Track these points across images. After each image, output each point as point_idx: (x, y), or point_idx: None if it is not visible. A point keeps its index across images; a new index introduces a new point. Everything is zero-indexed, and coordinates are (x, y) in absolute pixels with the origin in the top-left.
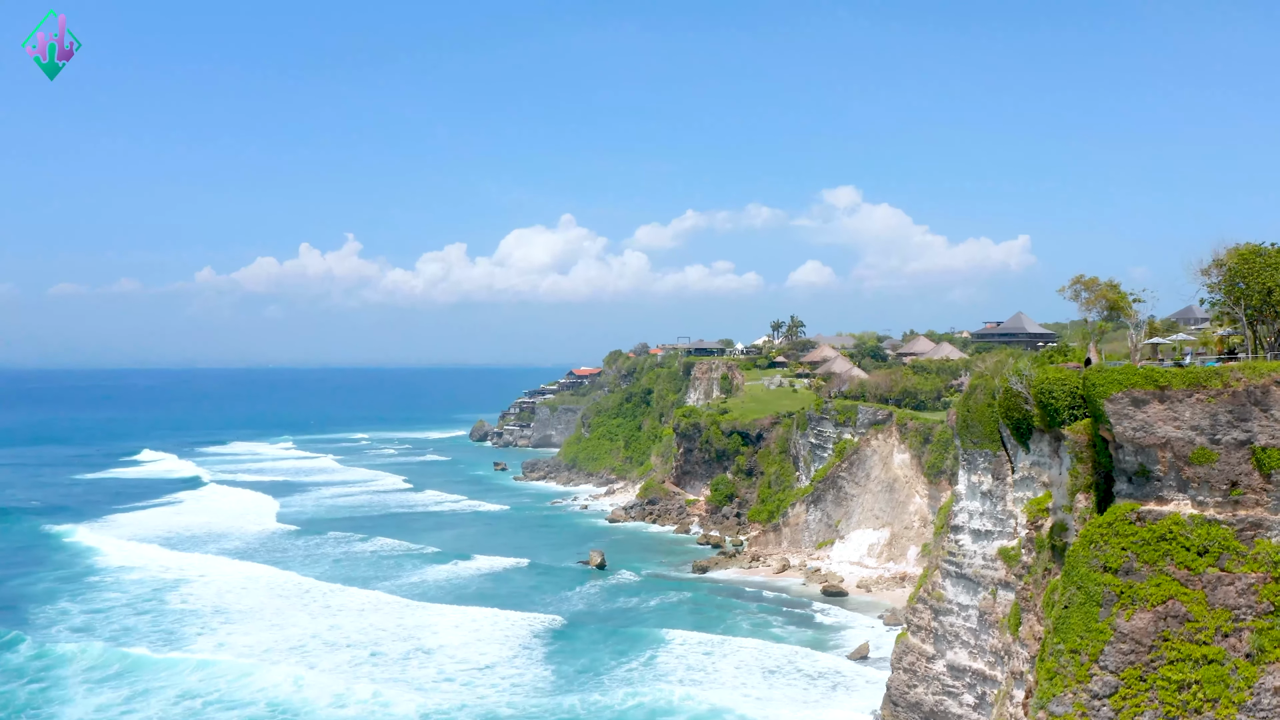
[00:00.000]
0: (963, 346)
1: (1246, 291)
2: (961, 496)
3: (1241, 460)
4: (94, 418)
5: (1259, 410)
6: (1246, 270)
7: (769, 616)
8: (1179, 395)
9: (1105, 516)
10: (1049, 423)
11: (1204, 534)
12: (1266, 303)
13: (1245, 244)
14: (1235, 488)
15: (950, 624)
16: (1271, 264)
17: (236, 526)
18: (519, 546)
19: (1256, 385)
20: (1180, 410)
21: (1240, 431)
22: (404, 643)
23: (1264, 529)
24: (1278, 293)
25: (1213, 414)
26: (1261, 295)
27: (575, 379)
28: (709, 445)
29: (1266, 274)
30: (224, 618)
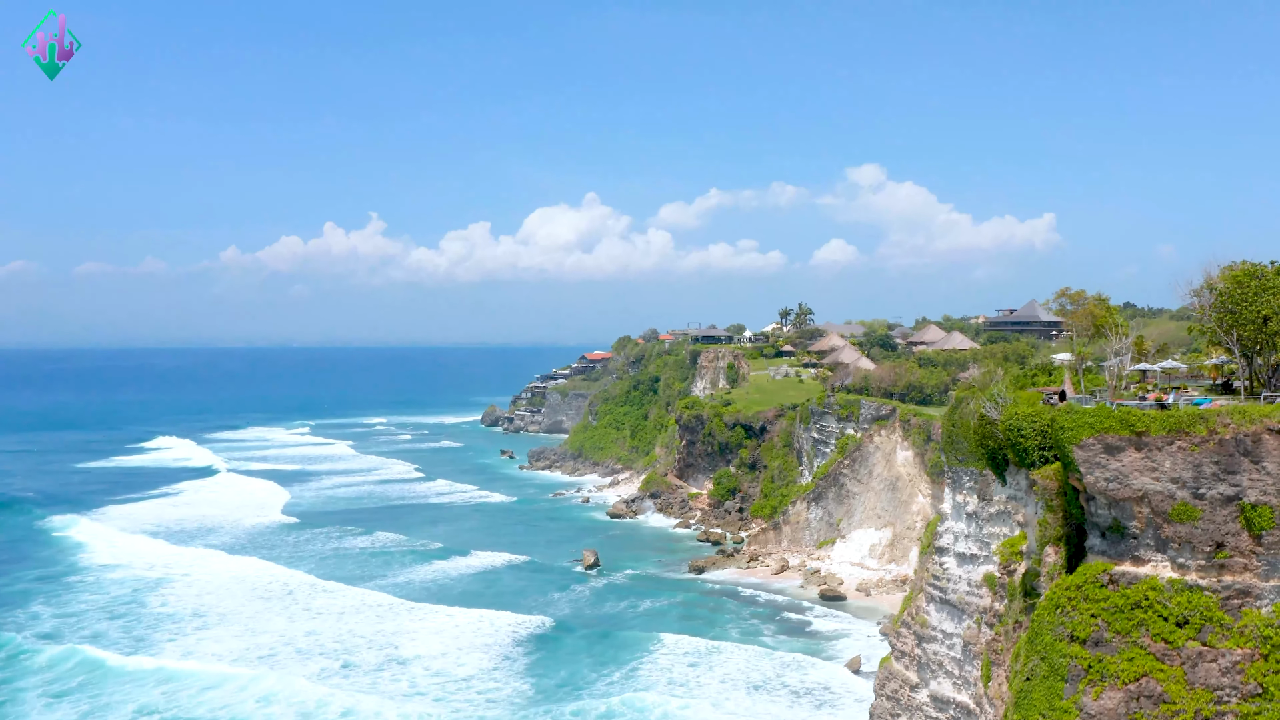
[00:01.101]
0: (974, 335)
1: (1240, 319)
2: (947, 516)
3: (1228, 518)
4: (112, 401)
5: (1249, 462)
6: (1240, 295)
7: (762, 623)
8: (1158, 442)
9: (1074, 577)
10: (1018, 462)
11: (1184, 602)
12: (1262, 332)
13: (1241, 263)
14: (1221, 550)
15: (934, 652)
16: (1269, 288)
17: (234, 519)
18: (514, 542)
19: (1246, 433)
20: (1159, 460)
21: (1227, 486)
22: (379, 651)
23: (1252, 598)
24: (1275, 321)
25: (1196, 465)
26: (1256, 324)
27: (587, 363)
28: (712, 438)
29: (1262, 300)
30: (200, 622)
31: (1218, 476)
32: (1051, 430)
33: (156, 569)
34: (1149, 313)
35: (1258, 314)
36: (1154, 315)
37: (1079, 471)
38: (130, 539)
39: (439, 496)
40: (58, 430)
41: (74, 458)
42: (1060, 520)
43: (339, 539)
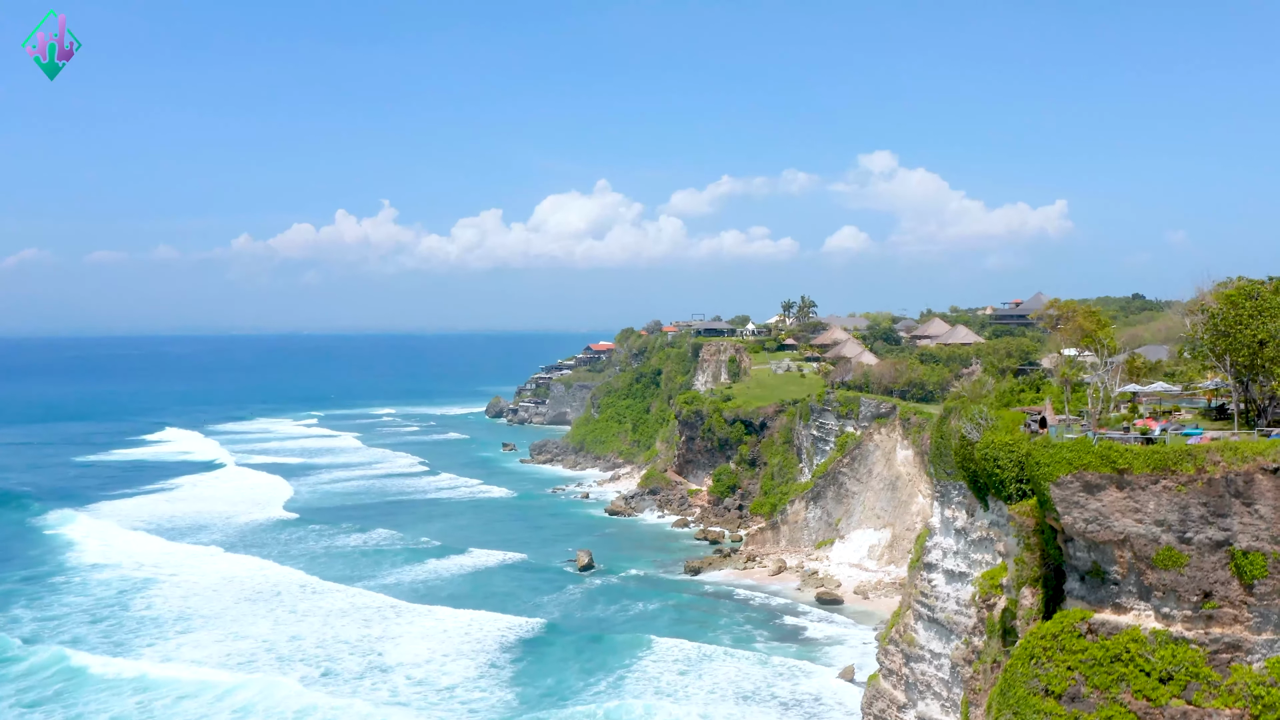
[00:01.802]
0: (979, 329)
1: (1233, 343)
2: (935, 531)
3: (1217, 565)
4: (118, 391)
5: (1240, 504)
6: (1234, 317)
7: (755, 629)
8: (1141, 481)
9: (1050, 624)
10: (995, 493)
11: (1169, 655)
12: (1258, 356)
13: (1237, 281)
14: (1209, 599)
15: (922, 672)
16: (1266, 309)
17: (231, 515)
18: (510, 540)
19: (1237, 473)
20: (1143, 500)
21: (1216, 530)
22: (362, 658)
23: (1243, 652)
24: (1271, 346)
25: (1183, 506)
26: (1251, 348)
27: (592, 354)
28: (711, 434)
29: (1258, 322)
30: (183, 625)
31: (1206, 519)
32: (1027, 465)
33: (145, 569)
34: (1158, 305)
35: (1252, 337)
36: (1162, 308)
37: (1056, 511)
38: (123, 537)
39: (438, 491)
40: (61, 422)
41: (75, 450)
42: (1038, 560)
43: (335, 536)
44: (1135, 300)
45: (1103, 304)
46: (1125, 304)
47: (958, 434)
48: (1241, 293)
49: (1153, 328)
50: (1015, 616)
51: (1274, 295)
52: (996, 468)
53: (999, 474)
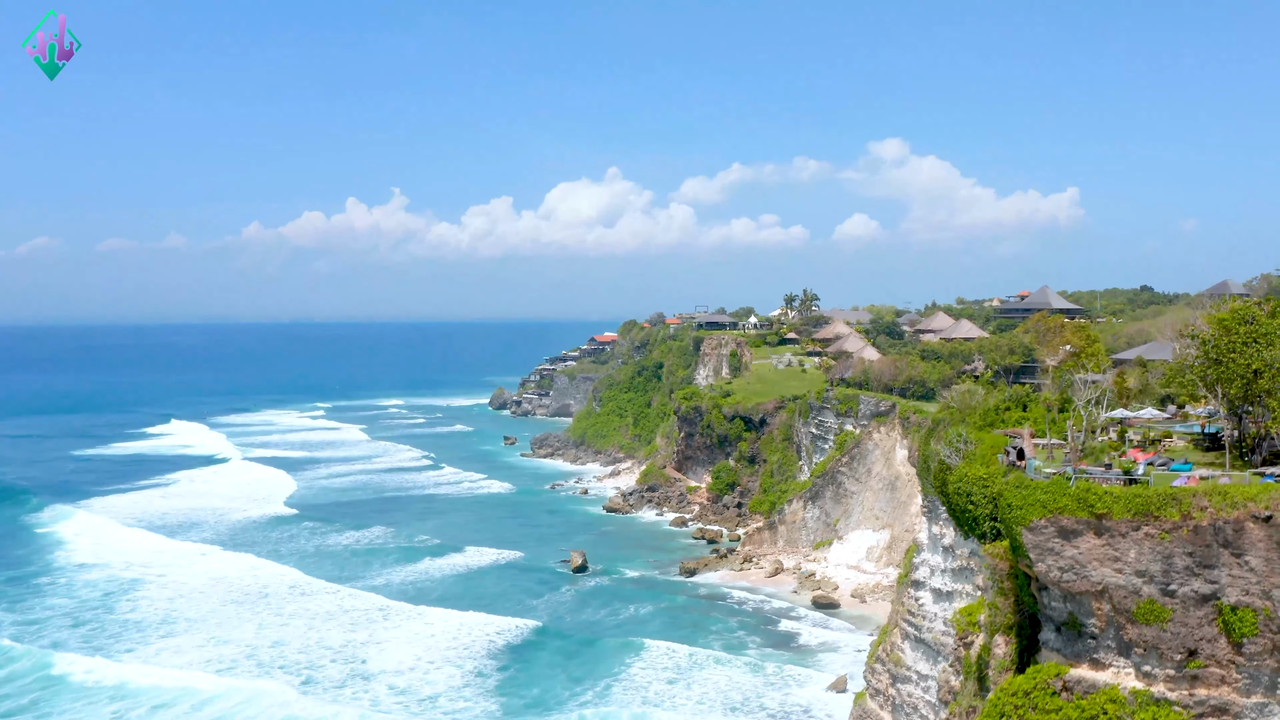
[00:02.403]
0: (984, 323)
1: (1226, 372)
2: (923, 547)
3: (1203, 621)
4: (125, 382)
5: (1229, 554)
6: (1227, 344)
7: (748, 634)
8: (1122, 527)
9: (1023, 680)
10: (968, 530)
11: (1149, 719)
12: (1252, 387)
13: (1232, 301)
14: (1194, 658)
15: (909, 694)
16: (1261, 335)
17: (226, 512)
18: (505, 538)
19: (1226, 520)
20: (1123, 548)
21: (1203, 582)
22: (345, 665)
23: (1230, 717)
24: (1267, 376)
25: (1166, 556)
26: (1245, 379)
27: (597, 345)
28: (710, 430)
29: (1252, 350)
30: (166, 629)
31: (1192, 571)
32: (999, 506)
33: (134, 568)
34: (1166, 299)
35: (1246, 367)
36: (1171, 301)
37: (1028, 558)
38: (115, 534)
39: (437, 487)
40: (64, 414)
41: (75, 444)
42: (1012, 606)
43: (330, 534)
44: (1143, 293)
45: (1110, 296)
46: (1133, 296)
47: (936, 457)
48: (1236, 317)
49: (1159, 323)
50: (986, 666)
51: (1270, 319)
52: (970, 503)
53: (972, 510)
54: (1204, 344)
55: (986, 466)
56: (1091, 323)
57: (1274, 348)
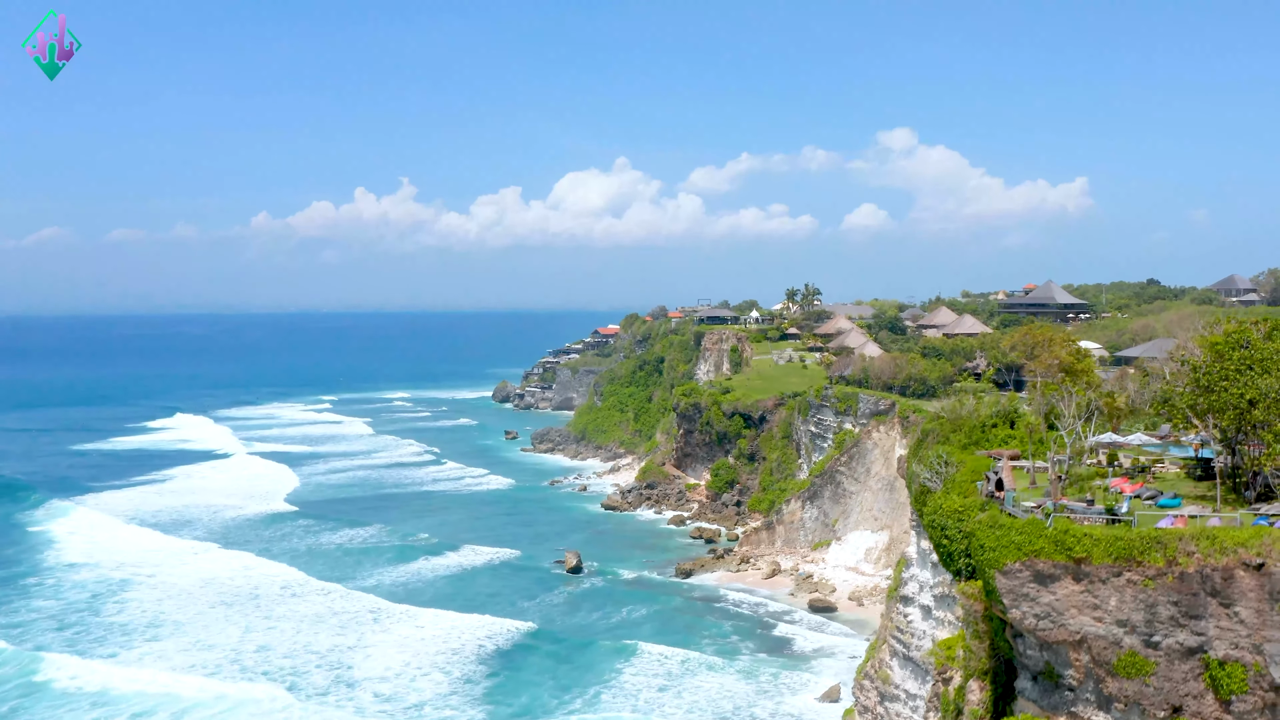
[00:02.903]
0: (988, 317)
1: (1218, 403)
2: (912, 561)
3: (1189, 676)
4: (130, 374)
5: (1217, 604)
6: (1219, 371)
7: (742, 639)
8: (1102, 573)
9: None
10: (944, 564)
11: None
12: (1246, 417)
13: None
14: (1178, 715)
15: (896, 712)
16: (1257, 361)
17: (224, 509)
18: (501, 536)
19: (1215, 567)
20: (1103, 595)
21: (1188, 634)
22: (330, 671)
23: None
24: (1261, 407)
25: (1150, 605)
26: (1239, 409)
27: (600, 338)
28: (710, 427)
29: (1246, 378)
30: (153, 632)
31: (1177, 621)
32: (971, 547)
33: (125, 568)
34: (1174, 292)
35: (1240, 396)
36: (1178, 296)
37: (1002, 604)
38: (108, 533)
39: (435, 483)
40: (67, 407)
41: (75, 438)
42: (987, 650)
43: (326, 531)
44: (1150, 286)
45: (1116, 290)
46: (1139, 290)
47: (918, 478)
48: (1229, 341)
49: (1164, 318)
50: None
51: (1266, 343)
52: (944, 538)
53: (947, 545)
54: (1194, 370)
55: (964, 497)
56: (1096, 317)
57: (1269, 375)
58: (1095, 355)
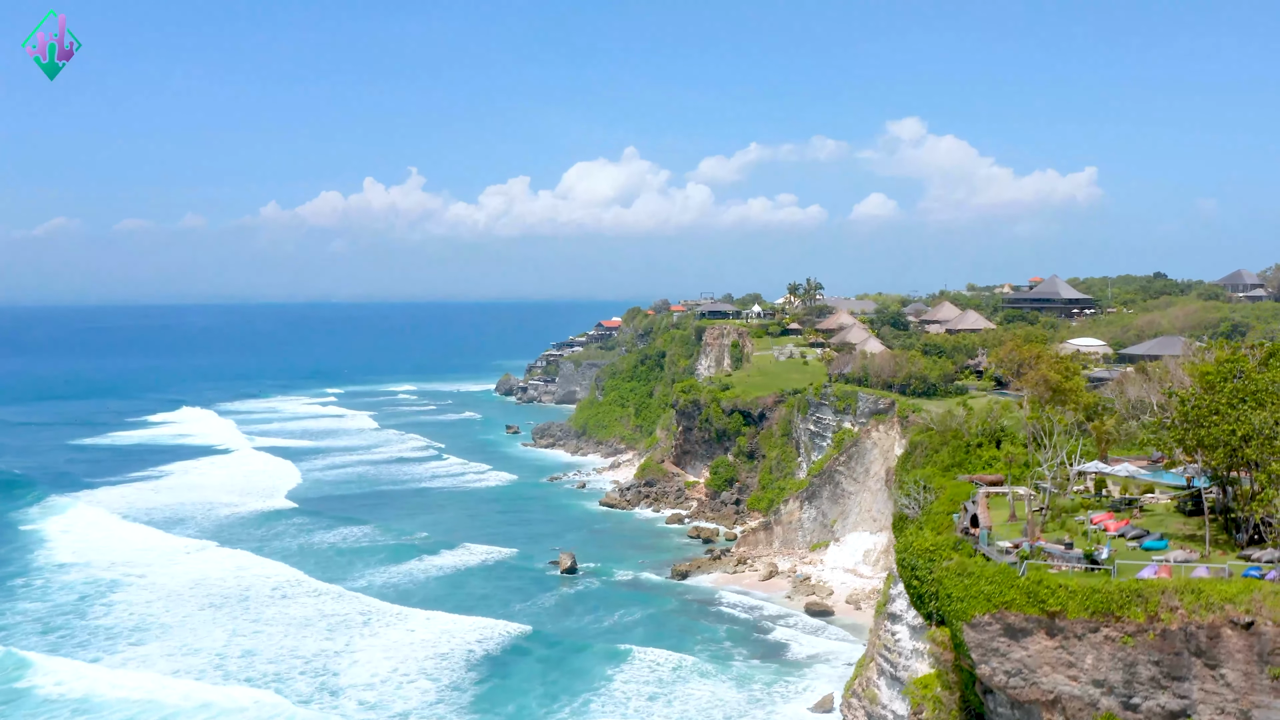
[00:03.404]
0: (992, 313)
1: (1208, 439)
2: (899, 579)
3: None
4: (135, 366)
5: (1202, 665)
6: (1210, 405)
7: (736, 645)
8: (1078, 628)
9: None
10: (915, 606)
11: None
12: (1238, 454)
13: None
14: None
15: None
16: (1251, 393)
17: (221, 506)
18: (496, 535)
19: (1200, 625)
20: (1079, 653)
21: (1170, 696)
22: (314, 678)
23: None
24: (1254, 445)
25: (1129, 664)
26: (1229, 447)
27: (604, 331)
28: (709, 424)
29: (1238, 413)
30: (138, 637)
31: (1158, 683)
32: (939, 596)
33: (115, 568)
34: (1181, 286)
35: (1231, 432)
36: (1184, 290)
37: (970, 658)
38: (100, 531)
39: (434, 479)
40: (71, 400)
41: (76, 432)
42: (957, 703)
43: (322, 530)
44: (1157, 280)
45: (1123, 284)
46: (1146, 284)
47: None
48: (1221, 372)
49: (1170, 314)
50: None
51: (1261, 374)
52: (915, 578)
53: (917, 586)
54: (1183, 403)
55: (937, 533)
56: (1101, 313)
57: (1264, 409)
58: (1099, 353)
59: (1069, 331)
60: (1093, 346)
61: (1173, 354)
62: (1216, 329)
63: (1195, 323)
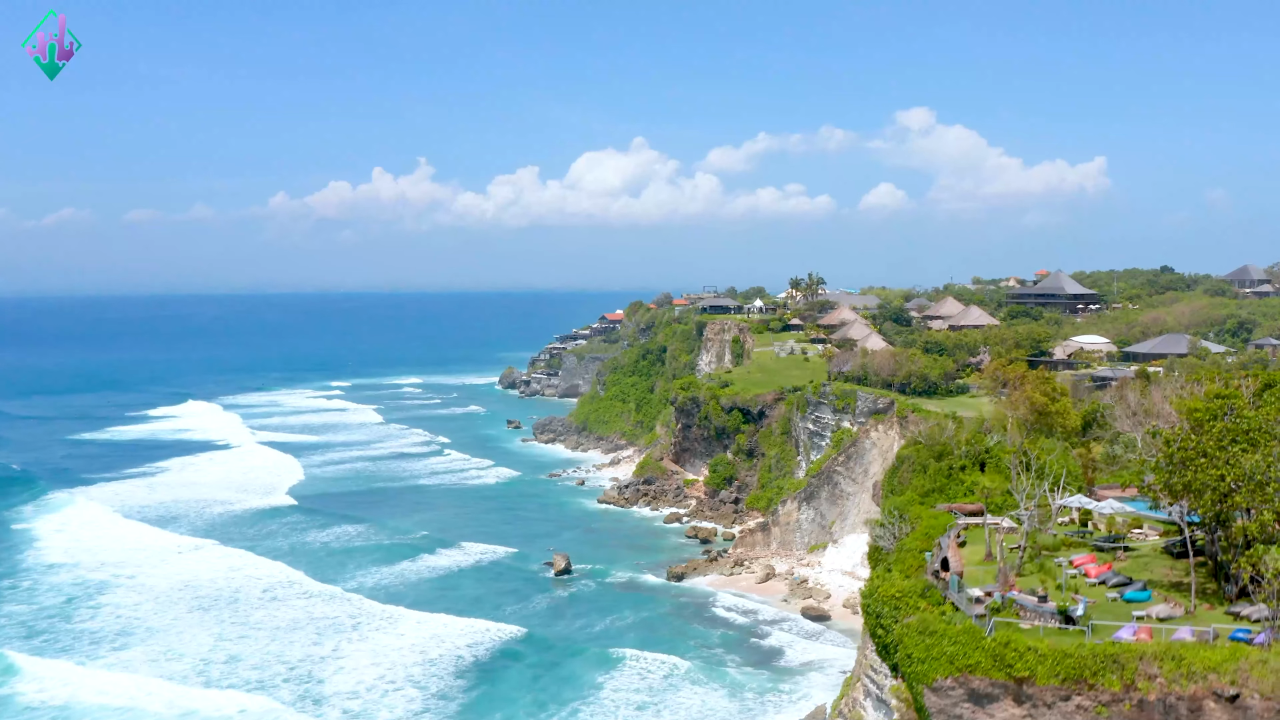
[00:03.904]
0: (996, 308)
1: (1196, 483)
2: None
3: None
4: (141, 359)
5: None
6: (1196, 448)
7: (729, 651)
8: (1048, 696)
9: None
10: (881, 656)
11: None
12: (1227, 501)
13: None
14: None
15: None
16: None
17: (213, 504)
18: (492, 534)
19: (1181, 696)
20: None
21: None
22: (299, 685)
23: None
24: (1244, 491)
25: None
26: (1218, 495)
27: (607, 324)
28: (708, 422)
29: (1227, 455)
30: (123, 641)
31: None
32: (898, 656)
33: (105, 569)
34: (1187, 281)
35: (1219, 478)
36: (1191, 285)
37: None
38: (92, 530)
39: (433, 476)
40: (75, 393)
41: (78, 426)
42: None
43: (314, 529)
44: (1163, 274)
45: (1130, 278)
46: (1153, 278)
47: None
48: (1210, 410)
49: (1176, 310)
50: None
51: (1256, 409)
52: (880, 626)
53: (882, 636)
54: (1168, 443)
55: (906, 577)
56: (1106, 308)
57: (1256, 451)
58: (1103, 351)
59: (1073, 328)
60: (1097, 344)
61: (1178, 353)
62: (1223, 326)
63: (1201, 319)
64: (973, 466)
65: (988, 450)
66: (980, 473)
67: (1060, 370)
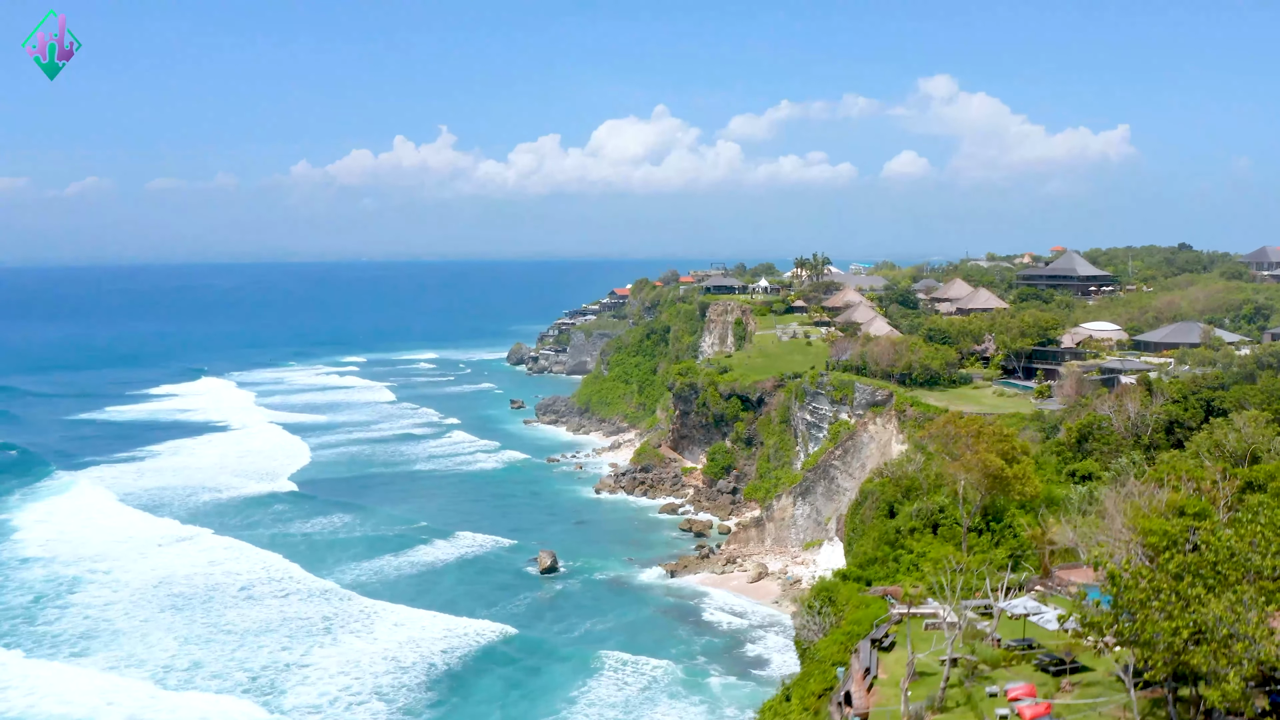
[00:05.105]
0: (1006, 289)
1: (1145, 634)
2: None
3: None
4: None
5: None
6: (1150, 587)
7: (712, 659)
8: None
9: None
10: None
11: None
12: (1184, 656)
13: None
14: None
15: None
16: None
17: (198, 492)
18: (481, 525)
19: None
20: None
21: None
22: (260, 696)
23: None
24: (1207, 649)
25: None
26: (1174, 648)
27: (617, 299)
28: (706, 408)
29: (1193, 597)
30: (84, 645)
31: None
32: None
33: (82, 563)
34: (1205, 260)
35: (1174, 632)
36: (1208, 265)
37: None
38: (75, 521)
39: (432, 460)
40: (87, 369)
41: (81, 405)
42: None
43: (303, 518)
44: (1181, 252)
45: (1146, 255)
46: (1170, 256)
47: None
48: (1169, 537)
49: (1191, 294)
50: None
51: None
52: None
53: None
54: (1115, 580)
55: (804, 708)
56: (1120, 289)
57: (1221, 596)
58: (1113, 339)
59: (1084, 312)
60: (1107, 332)
61: (1190, 342)
62: (1239, 311)
63: (1217, 304)
64: (923, 529)
65: (941, 510)
66: (933, 535)
67: (1068, 360)
